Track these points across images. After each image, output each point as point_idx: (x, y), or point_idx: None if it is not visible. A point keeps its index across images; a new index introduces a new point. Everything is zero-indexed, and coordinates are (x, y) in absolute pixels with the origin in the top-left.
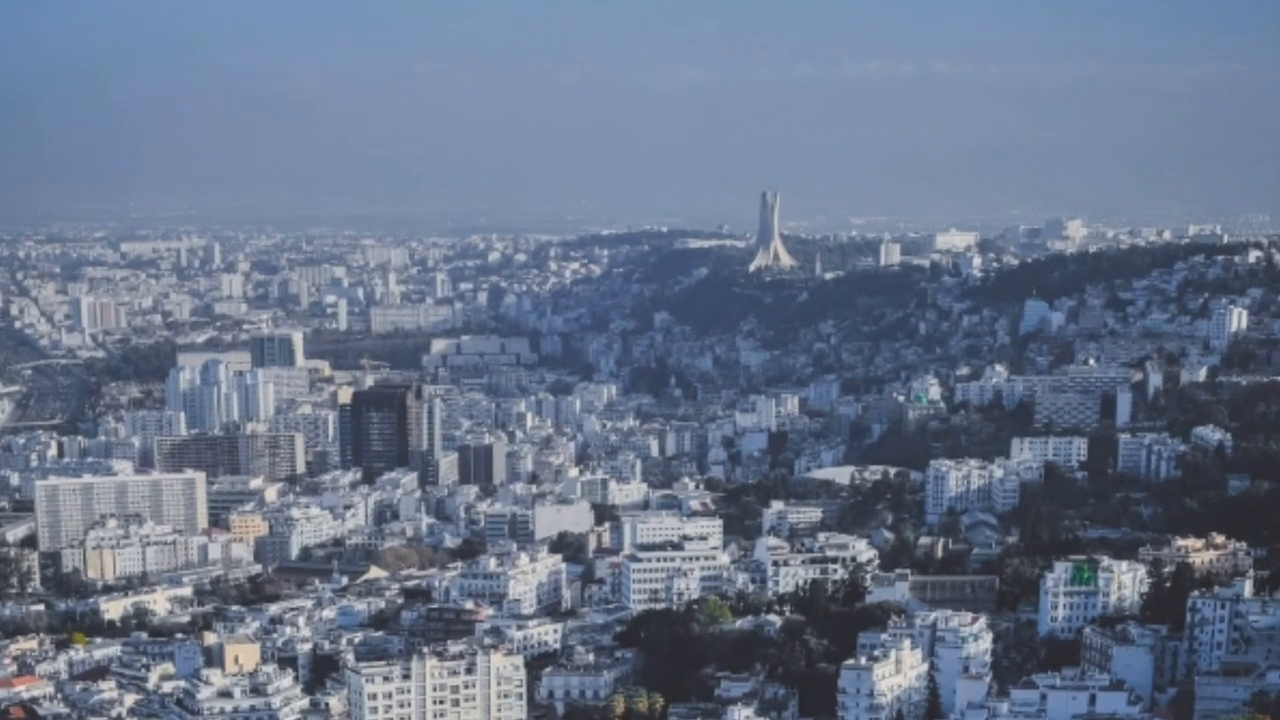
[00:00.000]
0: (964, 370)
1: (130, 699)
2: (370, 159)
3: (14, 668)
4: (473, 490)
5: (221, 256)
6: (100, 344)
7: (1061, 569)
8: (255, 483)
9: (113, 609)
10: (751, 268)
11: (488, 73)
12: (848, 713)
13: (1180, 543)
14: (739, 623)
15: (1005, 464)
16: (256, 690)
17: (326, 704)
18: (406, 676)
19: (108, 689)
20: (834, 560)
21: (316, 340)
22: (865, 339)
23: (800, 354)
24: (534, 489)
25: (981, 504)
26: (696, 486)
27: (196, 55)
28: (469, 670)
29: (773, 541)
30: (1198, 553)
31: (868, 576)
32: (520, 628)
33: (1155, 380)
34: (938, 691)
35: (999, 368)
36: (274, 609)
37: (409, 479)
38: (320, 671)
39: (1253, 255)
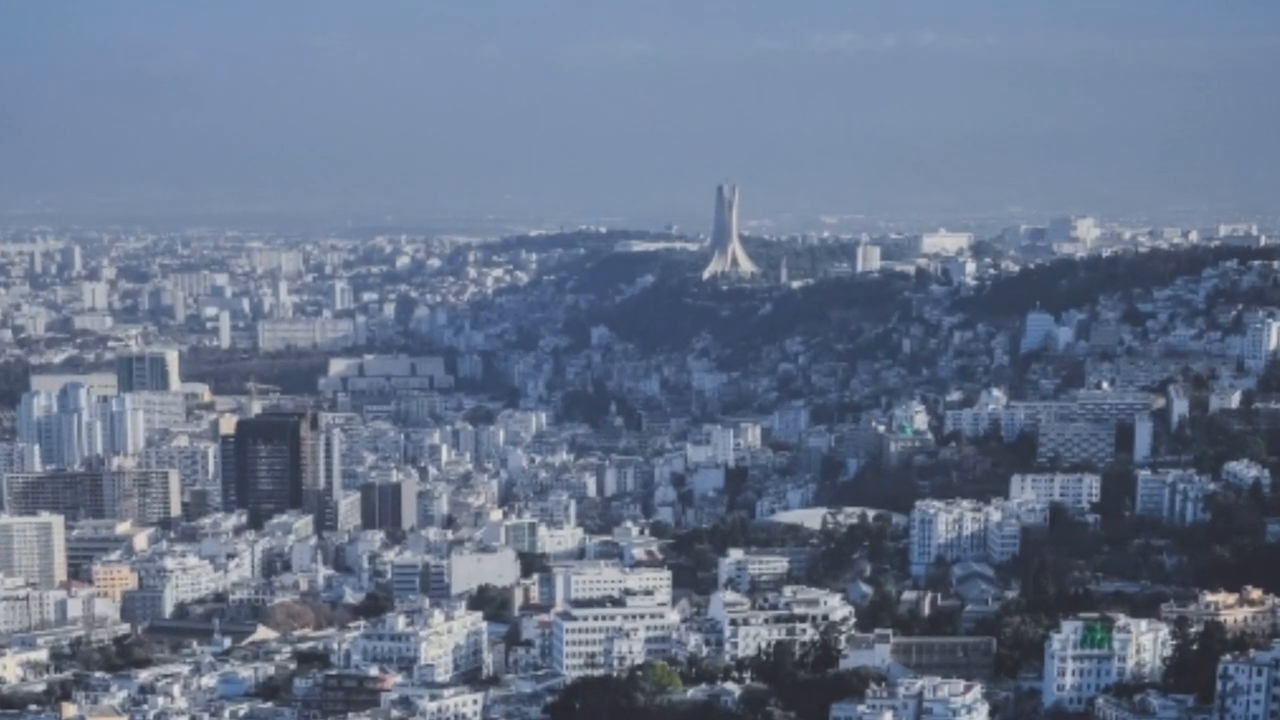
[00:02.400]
0: (955, 395)
1: None
2: (257, 148)
3: None
4: (378, 536)
5: (83, 262)
6: None
7: (1070, 629)
8: (122, 527)
9: None
10: (705, 275)
11: (394, 47)
12: None
13: (1210, 598)
14: (691, 692)
15: (1004, 505)
16: None
17: None
18: None
19: None
20: (802, 619)
21: (194, 360)
22: (839, 358)
23: (763, 376)
24: (450, 535)
25: (976, 553)
26: (641, 532)
27: (51, 27)
28: None
29: (730, 597)
30: (1230, 610)
31: (842, 638)
32: (434, 698)
33: (1180, 407)
34: None
35: (996, 392)
36: (144, 676)
37: (303, 523)
38: None
39: None
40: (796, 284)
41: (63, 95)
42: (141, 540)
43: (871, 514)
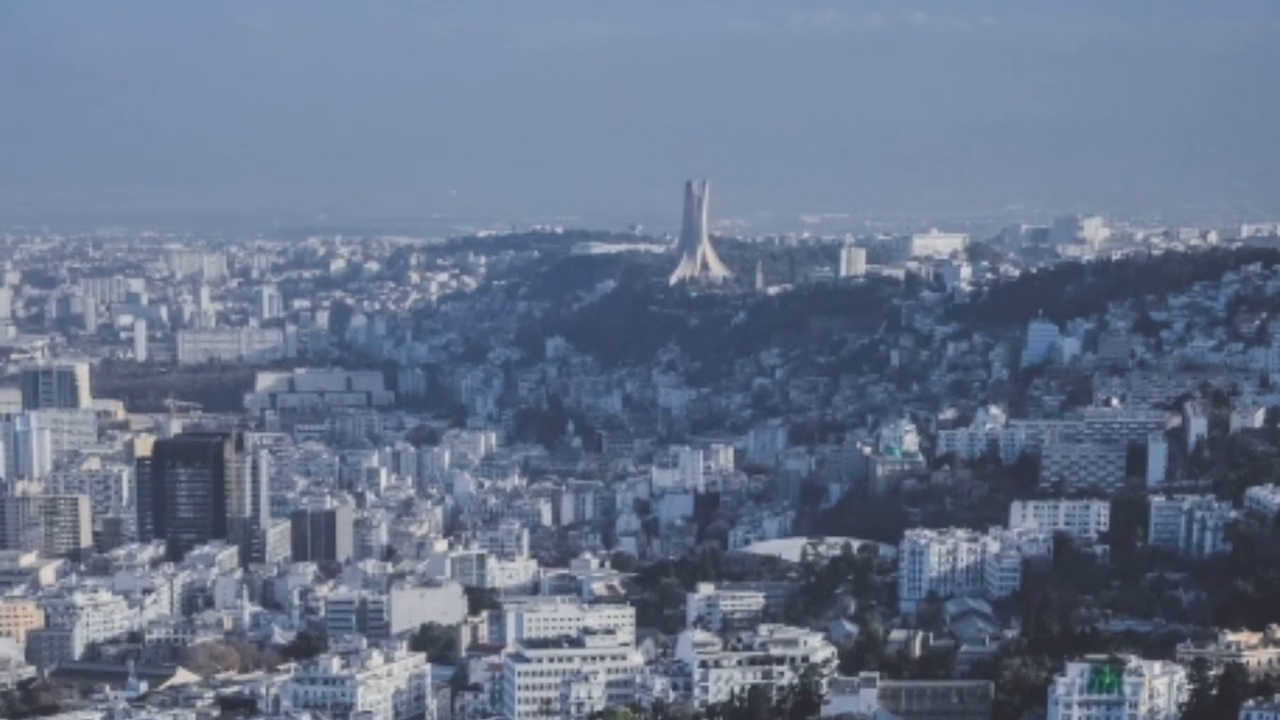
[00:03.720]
0: (949, 413)
1: None
2: (178, 140)
3: None
4: (310, 569)
5: None
6: None
7: (1076, 672)
8: (27, 559)
9: None
10: (672, 280)
11: (329, 27)
12: None
13: (1231, 638)
14: None
15: (1003, 535)
16: None
17: None
18: None
19: None
20: (780, 660)
21: (107, 374)
22: (820, 372)
23: (736, 392)
24: (389, 568)
25: (972, 587)
26: (601, 565)
27: None
28: None
29: (700, 636)
30: (1253, 650)
31: (824, 681)
32: None
33: (1198, 426)
34: None
35: (994, 410)
36: None
37: (227, 555)
38: None
39: None
40: (773, 290)
41: None
42: (48, 573)
43: (856, 544)
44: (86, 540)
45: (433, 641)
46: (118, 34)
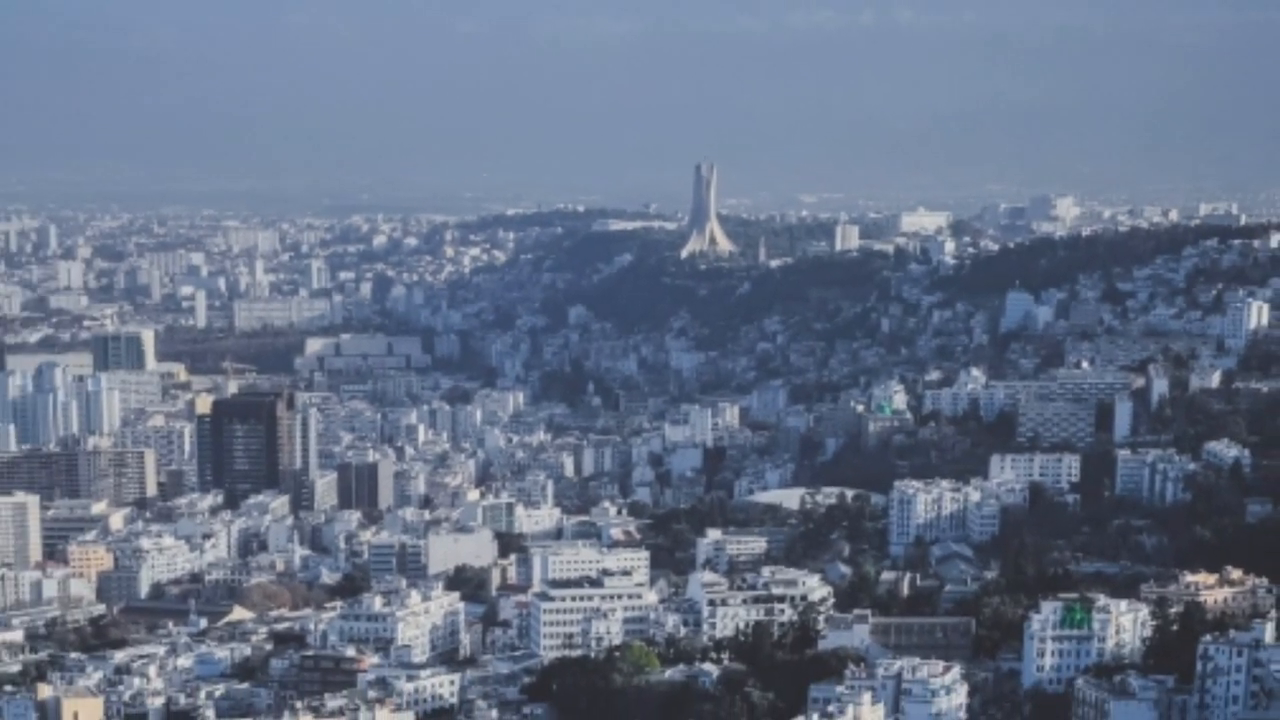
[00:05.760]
0: (934, 375)
1: None
2: (234, 126)
3: None
4: (354, 516)
5: (58, 240)
6: None
7: (1049, 610)
8: (98, 507)
9: None
10: (683, 254)
11: (370, 23)
12: None
13: (1190, 578)
14: (669, 673)
15: (983, 486)
16: None
17: None
18: None
19: None
20: (781, 599)
21: (170, 339)
22: (818, 338)
23: (741, 356)
24: (427, 515)
25: (955, 533)
26: (619, 512)
27: (22, 2)
28: None
29: (709, 577)
30: (1210, 590)
31: (821, 618)
32: (410, 679)
33: (1160, 387)
34: None
35: (975, 372)
36: (120, 657)
37: (279, 503)
38: None
39: (1275, 239)
40: (775, 263)
41: (36, 72)
42: (117, 520)
43: (850, 494)
44: (152, 490)
45: (465, 582)
46: (178, 27)
